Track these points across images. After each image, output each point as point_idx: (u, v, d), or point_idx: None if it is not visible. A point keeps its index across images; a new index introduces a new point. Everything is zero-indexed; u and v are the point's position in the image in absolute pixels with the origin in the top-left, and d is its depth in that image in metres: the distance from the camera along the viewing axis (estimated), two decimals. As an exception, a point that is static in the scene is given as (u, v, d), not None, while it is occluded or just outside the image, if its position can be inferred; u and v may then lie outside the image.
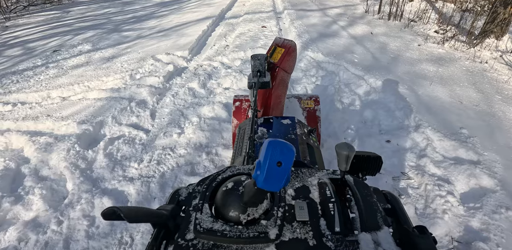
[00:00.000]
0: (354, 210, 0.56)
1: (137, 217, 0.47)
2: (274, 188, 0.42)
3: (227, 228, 0.49)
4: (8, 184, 1.99)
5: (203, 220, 0.51)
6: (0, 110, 2.96)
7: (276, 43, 1.64)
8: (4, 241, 1.62)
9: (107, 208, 0.44)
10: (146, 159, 2.13)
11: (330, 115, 2.60)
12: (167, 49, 4.21)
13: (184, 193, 0.62)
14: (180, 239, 0.51)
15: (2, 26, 7.20)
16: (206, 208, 0.53)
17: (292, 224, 0.53)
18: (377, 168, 0.81)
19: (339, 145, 0.60)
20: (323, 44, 4.26)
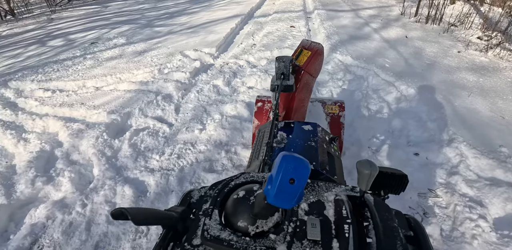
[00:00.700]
0: (372, 235, 0.51)
1: (145, 220, 0.47)
2: (285, 205, 0.40)
3: (234, 238, 0.48)
4: (42, 165, 2.15)
5: (211, 227, 0.50)
6: (41, 96, 3.20)
7: (302, 45, 1.60)
8: (34, 217, 1.75)
9: (115, 209, 0.45)
10: (167, 152, 2.20)
11: (355, 122, 2.51)
12: (195, 46, 4.31)
13: (196, 196, 0.62)
14: (187, 244, 0.50)
15: (48, 18, 7.77)
16: (216, 215, 0.52)
17: (302, 242, 0.50)
18: (401, 187, 0.76)
19: (361, 163, 0.56)
20: (352, 46, 4.12)
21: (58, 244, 1.60)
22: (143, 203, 1.81)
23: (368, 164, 0.56)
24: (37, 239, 1.64)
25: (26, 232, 1.66)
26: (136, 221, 0.44)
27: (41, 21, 7.50)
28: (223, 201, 0.56)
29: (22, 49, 5.24)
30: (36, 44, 5.47)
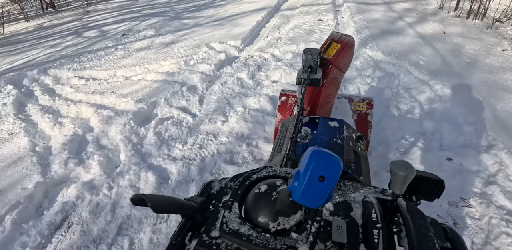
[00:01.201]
0: (404, 243, 0.47)
1: (164, 208, 0.46)
2: (312, 204, 0.37)
3: (254, 234, 0.46)
4: (75, 148, 2.29)
5: (230, 220, 0.49)
6: (76, 84, 3.39)
7: (332, 37, 1.53)
8: (66, 195, 1.87)
9: (135, 194, 0.44)
10: (190, 142, 2.24)
11: (383, 121, 2.39)
12: (221, 38, 4.32)
13: (216, 187, 0.61)
14: (205, 235, 0.49)
15: (84, 11, 8.17)
16: (236, 208, 0.51)
17: (326, 244, 0.47)
18: (436, 193, 0.70)
19: (396, 163, 0.52)
20: (384, 42, 3.92)
21: (86, 223, 1.70)
22: (164, 190, 1.87)
23: (404, 165, 0.51)
24: (67, 216, 1.76)
25: (58, 209, 1.78)
26: (155, 208, 0.43)
27: (78, 14, 7.91)
28: (244, 194, 0.54)
29: (61, 40, 5.57)
30: (73, 35, 5.79)
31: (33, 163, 2.15)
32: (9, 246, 1.61)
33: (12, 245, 1.61)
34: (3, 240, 1.63)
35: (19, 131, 2.57)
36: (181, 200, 0.52)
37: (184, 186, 1.89)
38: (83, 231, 1.65)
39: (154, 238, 1.58)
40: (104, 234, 1.62)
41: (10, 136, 2.55)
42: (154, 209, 0.43)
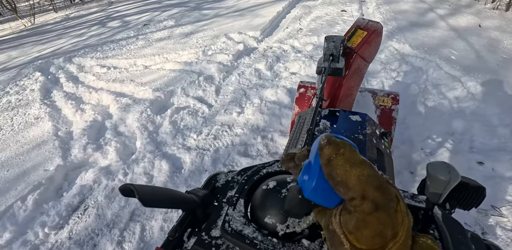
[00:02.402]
0: None
1: (157, 201, 0.41)
2: (326, 202, 0.30)
3: (259, 237, 0.40)
4: (94, 134, 2.35)
5: (233, 219, 0.43)
6: (98, 72, 3.47)
7: (357, 24, 1.40)
8: (84, 179, 1.93)
9: (124, 184, 0.39)
10: (205, 132, 2.22)
11: (408, 119, 2.25)
12: (240, 29, 4.24)
13: (222, 180, 0.56)
14: (204, 234, 0.45)
15: (108, 2, 8.35)
16: (241, 205, 0.45)
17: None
18: (476, 201, 0.60)
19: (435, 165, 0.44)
20: (412, 34, 3.67)
21: (101, 207, 1.74)
22: (177, 179, 1.87)
23: (445, 168, 0.43)
24: (84, 199, 1.81)
25: (76, 192, 1.84)
26: (145, 201, 0.38)
27: (103, 5, 8.10)
28: (251, 190, 0.49)
29: (86, 29, 5.73)
30: (97, 25, 5.94)
31: (55, 146, 2.23)
32: (30, 224, 1.68)
33: (33, 224, 1.68)
34: (25, 219, 1.71)
35: (44, 115, 2.68)
36: (180, 193, 0.47)
37: (197, 176, 1.88)
38: (98, 215, 1.69)
39: (165, 226, 1.59)
40: (117, 219, 1.66)
41: (36, 120, 2.67)
42: (144, 202, 0.38)
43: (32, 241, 1.59)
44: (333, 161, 0.24)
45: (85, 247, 1.54)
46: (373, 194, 0.22)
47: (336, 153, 0.25)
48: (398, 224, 0.23)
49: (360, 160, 0.24)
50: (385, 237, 0.22)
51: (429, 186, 0.45)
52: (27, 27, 7.01)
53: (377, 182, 0.23)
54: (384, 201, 0.23)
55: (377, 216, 0.22)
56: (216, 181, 0.57)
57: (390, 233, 0.22)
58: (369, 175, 0.23)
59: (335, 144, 0.25)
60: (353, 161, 0.24)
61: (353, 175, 0.23)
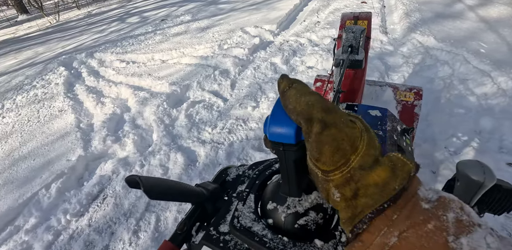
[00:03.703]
0: None
1: (163, 194, 0.39)
2: (285, 133, 0.28)
3: (269, 235, 0.38)
4: (113, 126, 2.42)
5: (243, 215, 0.41)
6: (117, 66, 3.57)
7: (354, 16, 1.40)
8: (103, 169, 1.99)
9: (130, 176, 0.38)
10: (220, 126, 2.22)
11: (431, 115, 2.13)
12: (256, 22, 4.19)
13: (232, 174, 0.54)
14: (213, 229, 0.43)
15: (128, -3, 8.52)
16: (251, 201, 0.43)
17: None
18: (510, 206, 0.55)
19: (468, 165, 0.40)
20: (437, 26, 3.46)
21: (119, 196, 1.79)
22: (192, 172, 1.89)
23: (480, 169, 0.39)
24: (103, 189, 1.87)
25: (96, 182, 1.91)
26: (150, 193, 0.37)
27: (122, 1, 8.28)
28: (262, 185, 0.46)
29: (106, 26, 5.90)
30: (117, 21, 6.09)
31: (77, 137, 2.32)
32: (53, 211, 1.77)
33: (56, 210, 1.77)
34: (49, 206, 1.80)
35: (67, 108, 2.80)
36: (188, 186, 0.46)
37: (211, 169, 1.89)
38: (116, 204, 1.75)
39: (179, 218, 1.61)
40: (134, 209, 1.70)
41: (60, 113, 2.79)
42: (149, 194, 0.37)
43: (55, 227, 1.67)
44: (286, 92, 0.27)
45: (103, 235, 1.60)
46: (320, 114, 0.24)
47: (289, 85, 0.27)
48: (355, 137, 0.23)
49: (310, 91, 0.26)
50: (345, 151, 0.23)
51: (459, 187, 0.41)
52: (52, 24, 7.32)
53: (324, 105, 0.24)
54: (332, 119, 0.24)
55: (328, 133, 0.23)
56: (226, 174, 0.55)
57: (349, 147, 0.23)
58: (316, 100, 0.25)
59: (289, 79, 0.28)
60: (304, 91, 0.26)
61: (302, 101, 0.25)
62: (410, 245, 0.19)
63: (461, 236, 0.19)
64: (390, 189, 0.21)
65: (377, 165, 0.22)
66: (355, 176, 0.22)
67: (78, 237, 1.61)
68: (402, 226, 0.20)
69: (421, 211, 0.20)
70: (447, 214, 0.20)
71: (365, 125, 0.25)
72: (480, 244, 0.19)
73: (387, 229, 0.20)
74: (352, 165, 0.23)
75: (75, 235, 1.62)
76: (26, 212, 1.79)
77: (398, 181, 0.21)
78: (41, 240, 1.61)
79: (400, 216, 0.20)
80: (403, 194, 0.21)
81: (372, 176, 0.22)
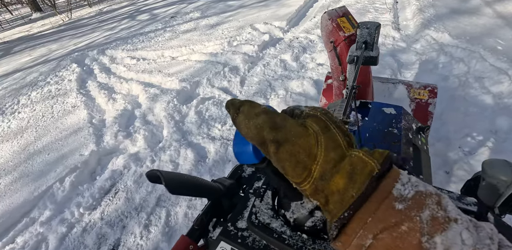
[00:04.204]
0: None
1: (183, 189, 0.40)
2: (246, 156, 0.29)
3: (288, 232, 0.38)
4: (124, 122, 2.45)
5: (261, 211, 0.41)
6: (128, 63, 3.61)
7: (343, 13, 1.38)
8: (115, 164, 2.02)
9: (151, 170, 0.39)
10: (229, 123, 2.23)
11: (445, 114, 2.07)
12: (265, 19, 4.16)
13: (248, 170, 0.55)
14: (230, 224, 0.44)
15: (138, -5, 8.58)
16: (268, 197, 0.43)
17: None
18: None
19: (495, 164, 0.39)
20: (452, 22, 3.36)
21: (130, 191, 1.82)
22: (202, 168, 1.90)
23: (508, 168, 0.37)
24: (115, 183, 1.91)
25: (108, 176, 1.94)
26: (172, 188, 0.38)
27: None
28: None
29: (117, 23, 5.97)
30: (128, 18, 6.15)
31: (89, 133, 2.37)
32: (67, 204, 1.81)
33: (69, 203, 1.81)
34: (63, 199, 1.84)
35: (80, 104, 2.85)
36: (206, 181, 0.46)
37: (221, 165, 1.89)
38: (127, 198, 1.78)
39: (189, 213, 1.62)
40: (145, 204, 1.72)
41: (73, 108, 2.84)
42: (170, 189, 0.38)
43: (69, 220, 1.71)
44: (236, 119, 0.26)
45: (115, 228, 1.63)
46: (270, 135, 0.24)
47: (236, 112, 0.26)
48: (310, 146, 0.23)
49: (256, 111, 0.25)
50: (304, 163, 0.23)
51: (484, 186, 0.40)
52: (65, 22, 7.46)
53: (272, 124, 0.24)
54: (283, 136, 0.24)
55: (283, 150, 0.23)
56: (242, 171, 0.55)
57: (307, 158, 0.23)
58: (264, 121, 0.24)
59: (234, 104, 0.27)
60: (251, 114, 0.25)
61: (251, 125, 0.25)
62: (386, 246, 0.20)
63: (435, 235, 0.19)
64: (348, 196, 0.21)
65: (336, 172, 0.22)
66: (319, 186, 0.23)
67: (91, 230, 1.65)
68: (376, 229, 0.20)
69: (394, 213, 0.20)
70: (421, 213, 0.20)
71: (321, 123, 0.25)
72: (455, 241, 0.19)
73: (362, 231, 0.21)
74: (314, 175, 0.23)
75: (88, 228, 1.66)
76: (41, 204, 1.84)
77: (356, 187, 0.21)
78: (55, 232, 1.65)
79: (373, 218, 0.20)
80: (374, 196, 0.21)
81: (331, 185, 0.22)
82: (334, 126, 0.25)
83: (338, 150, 0.23)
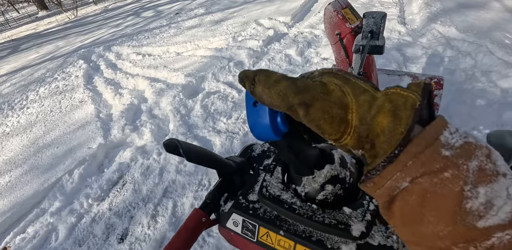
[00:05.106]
0: None
1: (199, 159, 0.42)
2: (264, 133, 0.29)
3: (298, 202, 0.39)
4: (131, 116, 2.48)
5: (271, 184, 0.43)
6: (134, 59, 3.64)
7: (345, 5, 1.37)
8: (122, 157, 2.06)
9: (168, 139, 0.40)
10: (234, 116, 2.24)
11: (451, 107, 2.06)
12: (270, 14, 4.15)
13: (257, 150, 0.56)
14: (242, 197, 0.45)
15: (143, -8, 8.60)
16: (278, 172, 0.44)
17: (387, 227, 0.38)
18: None
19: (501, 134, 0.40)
20: (460, 16, 3.31)
21: (137, 183, 1.85)
22: (207, 159, 1.92)
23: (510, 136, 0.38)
24: (123, 175, 1.94)
25: (116, 168, 1.97)
26: (189, 157, 0.40)
27: (138, -5, 8.37)
28: None
29: (122, 20, 6.00)
30: (133, 15, 6.18)
31: (97, 127, 2.40)
32: (76, 195, 1.85)
33: (78, 195, 1.85)
34: (72, 190, 1.88)
35: (87, 99, 2.89)
36: (219, 156, 0.48)
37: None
38: (135, 190, 1.81)
39: (195, 204, 1.65)
40: (152, 195, 1.75)
41: (80, 103, 2.89)
42: (187, 157, 0.40)
43: (78, 210, 1.75)
44: (254, 90, 0.26)
45: (123, 218, 1.66)
46: (296, 99, 0.23)
47: (252, 82, 0.26)
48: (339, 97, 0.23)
49: (274, 79, 0.25)
50: (340, 116, 0.23)
51: None
52: (71, 20, 7.53)
53: (295, 88, 0.24)
54: (310, 97, 0.23)
55: (314, 110, 0.23)
56: (252, 150, 0.57)
57: (341, 110, 0.23)
58: (285, 86, 0.24)
59: (248, 75, 0.26)
60: (269, 83, 0.25)
61: (273, 94, 0.24)
62: (422, 190, 0.19)
63: (479, 185, 0.18)
64: (397, 133, 0.20)
65: (377, 113, 0.21)
66: (361, 132, 0.22)
67: (99, 220, 1.68)
68: (416, 172, 0.19)
69: (439, 158, 0.19)
70: (468, 162, 0.19)
71: (340, 76, 0.24)
72: (500, 195, 0.18)
73: (400, 174, 0.20)
74: (353, 124, 0.22)
75: (97, 218, 1.70)
76: (51, 195, 1.88)
77: (404, 123, 0.20)
78: (65, 222, 1.69)
79: (415, 162, 0.19)
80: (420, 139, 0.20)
81: (375, 127, 0.21)
82: (353, 77, 0.24)
83: (367, 93, 0.23)
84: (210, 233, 1.46)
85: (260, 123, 0.29)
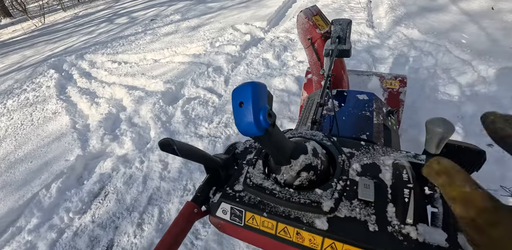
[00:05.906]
0: (438, 204, 0.45)
1: (190, 155, 0.47)
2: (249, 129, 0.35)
3: (277, 188, 0.46)
4: (110, 125, 2.43)
5: (254, 175, 0.49)
6: (110, 67, 3.56)
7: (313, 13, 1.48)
8: (102, 167, 2.01)
9: (164, 138, 0.45)
10: (216, 121, 2.27)
11: (417, 103, 2.23)
12: (246, 20, 4.23)
13: (240, 147, 0.62)
14: (229, 188, 0.51)
15: (115, -2, 8.42)
16: (260, 165, 0.51)
17: (351, 202, 0.45)
18: (476, 165, 0.63)
19: (432, 120, 0.47)
20: (421, 19, 3.58)
21: (120, 192, 1.82)
22: (191, 165, 1.93)
23: (441, 122, 0.46)
24: (104, 186, 1.90)
25: (96, 180, 1.93)
26: (182, 153, 0.45)
27: (109, 2, 8.18)
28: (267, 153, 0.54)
29: (95, 27, 5.83)
30: (106, 22, 6.03)
31: (74, 138, 2.33)
32: (56, 210, 1.78)
33: (58, 209, 1.78)
34: (50, 205, 1.81)
35: (61, 110, 2.79)
36: (207, 153, 0.53)
37: (210, 162, 1.93)
38: (118, 200, 1.78)
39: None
40: (137, 203, 1.73)
41: (53, 115, 2.78)
42: (181, 153, 0.44)
43: (58, 225, 1.69)
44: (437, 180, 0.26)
45: (108, 229, 1.63)
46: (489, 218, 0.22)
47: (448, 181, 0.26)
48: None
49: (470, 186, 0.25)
50: None
51: (427, 140, 0.49)
52: (38, 27, 7.19)
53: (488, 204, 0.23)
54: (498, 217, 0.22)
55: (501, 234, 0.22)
56: (235, 148, 0.62)
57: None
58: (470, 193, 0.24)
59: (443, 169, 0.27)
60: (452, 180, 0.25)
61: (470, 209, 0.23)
62: None
63: None
64: None
65: None
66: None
67: (82, 233, 1.64)
68: None
69: None
70: None
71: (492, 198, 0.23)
72: None
73: None
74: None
75: (79, 232, 1.65)
76: (28, 212, 1.80)
77: None
78: (44, 238, 1.63)
79: None
80: None
81: None
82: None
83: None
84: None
85: (245, 121, 0.34)
